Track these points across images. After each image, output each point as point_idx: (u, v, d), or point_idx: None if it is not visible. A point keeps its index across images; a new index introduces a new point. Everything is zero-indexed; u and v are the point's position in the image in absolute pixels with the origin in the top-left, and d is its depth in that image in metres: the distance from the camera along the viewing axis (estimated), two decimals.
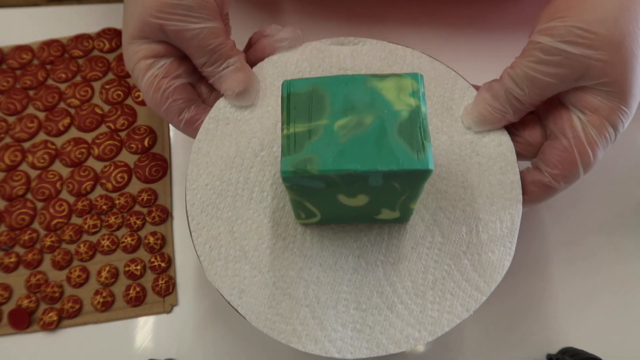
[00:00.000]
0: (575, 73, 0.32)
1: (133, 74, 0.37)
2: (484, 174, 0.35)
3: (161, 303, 0.43)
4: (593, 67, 0.31)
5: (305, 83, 0.29)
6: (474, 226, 0.34)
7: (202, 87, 0.39)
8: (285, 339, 0.33)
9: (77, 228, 0.45)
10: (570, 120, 0.33)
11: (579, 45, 0.31)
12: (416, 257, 0.34)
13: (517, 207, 0.34)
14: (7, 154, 0.47)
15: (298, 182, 0.28)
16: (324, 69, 0.37)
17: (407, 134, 0.27)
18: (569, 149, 0.33)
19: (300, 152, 0.27)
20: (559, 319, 0.42)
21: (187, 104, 0.37)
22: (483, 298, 0.33)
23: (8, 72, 0.50)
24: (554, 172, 0.33)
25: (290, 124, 0.28)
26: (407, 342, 0.32)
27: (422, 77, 0.29)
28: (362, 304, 0.33)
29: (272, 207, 0.35)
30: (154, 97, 0.36)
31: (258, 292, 0.33)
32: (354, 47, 0.38)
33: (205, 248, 0.34)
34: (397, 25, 0.50)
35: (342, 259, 0.34)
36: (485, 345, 0.42)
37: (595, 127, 0.32)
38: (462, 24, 0.51)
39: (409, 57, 0.38)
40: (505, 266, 0.33)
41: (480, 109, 0.35)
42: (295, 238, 0.35)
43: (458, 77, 0.37)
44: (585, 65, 0.31)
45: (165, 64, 0.36)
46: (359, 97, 0.28)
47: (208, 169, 0.36)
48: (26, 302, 0.43)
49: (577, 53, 0.31)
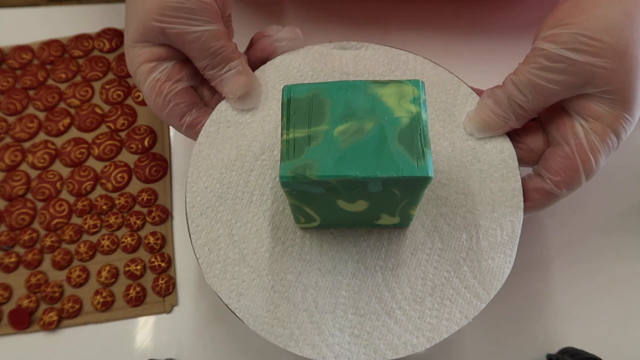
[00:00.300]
0: (579, 80, 0.31)
1: (135, 77, 0.37)
2: (485, 180, 0.35)
3: (161, 303, 0.43)
4: (597, 74, 0.31)
5: (305, 88, 0.29)
6: (474, 233, 0.34)
7: (204, 90, 0.39)
8: (283, 343, 0.33)
9: (77, 228, 0.45)
10: (573, 128, 0.33)
11: (583, 52, 0.31)
12: (415, 263, 0.34)
13: (518, 214, 0.34)
14: (7, 154, 0.47)
15: (297, 187, 0.28)
16: (326, 73, 0.37)
17: (407, 140, 0.27)
18: (571, 156, 0.33)
19: (300, 157, 0.27)
20: (559, 319, 0.42)
21: (188, 107, 0.37)
22: (482, 305, 0.33)
23: (8, 72, 0.50)
24: (556, 179, 0.33)
25: (290, 129, 0.28)
26: (405, 348, 0.32)
27: (424, 84, 0.29)
28: (360, 309, 0.33)
29: (272, 211, 0.35)
30: (156, 101, 0.36)
31: (256, 295, 0.33)
32: (356, 52, 0.38)
33: (204, 250, 0.34)
34: (399, 29, 0.50)
35: (341, 263, 0.34)
36: (485, 345, 0.42)
37: (598, 134, 0.32)
38: (465, 28, 0.50)
39: (412, 63, 0.38)
40: (505, 274, 0.33)
41: (483, 115, 0.35)
42: (295, 242, 0.35)
43: (461, 83, 0.37)
44: (589, 73, 0.31)
45: (167, 67, 0.36)
46: (360, 104, 0.28)
47: (208, 172, 0.36)
48: (26, 302, 0.43)
49: (582, 60, 0.31)
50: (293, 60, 0.38)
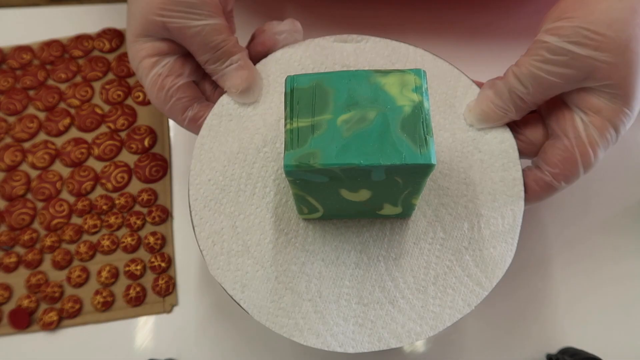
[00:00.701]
0: (580, 74, 0.32)
1: (137, 72, 0.37)
2: (486, 170, 0.35)
3: (161, 303, 0.43)
4: (598, 68, 0.31)
5: (308, 78, 0.29)
6: (476, 222, 0.34)
7: (206, 84, 0.39)
8: (287, 332, 0.33)
9: (77, 228, 0.45)
10: (573, 121, 0.33)
11: (585, 46, 0.31)
12: (418, 253, 0.34)
13: (519, 203, 0.34)
14: (7, 154, 0.47)
15: (301, 176, 0.28)
16: (327, 66, 0.38)
17: (410, 129, 0.27)
18: (570, 149, 0.33)
19: (304, 146, 0.27)
20: (559, 319, 0.42)
21: (190, 102, 0.37)
22: (485, 293, 0.33)
23: (8, 72, 0.50)
24: (555, 171, 0.34)
25: (294, 118, 0.28)
26: (409, 336, 0.32)
27: (425, 73, 0.29)
28: (364, 299, 0.33)
29: (275, 203, 0.35)
30: (158, 95, 0.37)
31: (260, 286, 0.34)
32: (357, 45, 0.38)
33: (208, 242, 0.34)
34: (399, 33, 0.50)
35: (344, 254, 0.34)
36: (485, 345, 0.42)
37: (597, 128, 0.33)
38: (464, 33, 0.51)
39: (412, 55, 0.38)
40: (507, 262, 0.34)
41: (483, 106, 0.35)
42: (298, 233, 0.35)
43: (461, 75, 0.37)
44: (590, 67, 0.31)
45: (169, 62, 0.36)
46: (362, 93, 0.29)
47: (211, 165, 0.36)
48: (26, 302, 0.43)
49: (583, 54, 0.31)
50: (294, 53, 0.38)
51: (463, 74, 0.37)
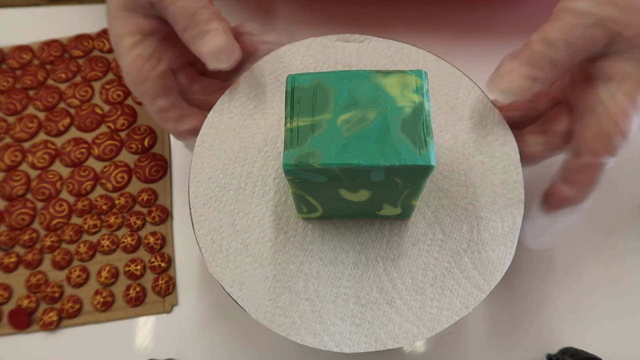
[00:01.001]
0: (607, 36, 0.32)
1: (116, 48, 0.37)
2: (487, 172, 0.35)
3: (161, 303, 0.43)
4: (625, 29, 0.31)
5: (309, 77, 0.29)
6: (475, 224, 0.34)
7: (182, 76, 0.39)
8: (284, 331, 0.33)
9: (77, 228, 0.45)
10: (599, 94, 0.33)
11: (611, 6, 0.31)
12: (416, 254, 0.34)
13: (519, 206, 0.34)
14: (7, 154, 0.47)
15: (300, 175, 0.28)
16: (329, 65, 0.38)
17: (410, 130, 0.28)
18: (603, 120, 0.33)
19: (303, 145, 0.27)
20: (559, 319, 0.42)
21: (164, 90, 0.37)
22: (482, 296, 0.33)
23: (8, 72, 0.50)
24: (592, 147, 0.33)
25: (294, 117, 0.28)
26: (406, 337, 0.32)
27: (427, 74, 0.29)
28: (361, 299, 0.33)
29: (274, 201, 0.35)
30: (136, 76, 0.36)
31: (258, 284, 0.34)
32: (359, 45, 0.38)
33: (207, 240, 0.34)
34: (400, 30, 0.50)
35: (342, 253, 0.34)
36: (484, 345, 0.42)
37: (626, 94, 0.32)
38: (466, 31, 0.51)
39: (414, 56, 0.38)
40: (505, 265, 0.34)
41: (509, 77, 0.33)
42: (297, 232, 0.35)
43: (463, 77, 0.37)
44: (616, 29, 0.31)
45: (149, 43, 0.36)
46: (363, 93, 0.29)
47: (212, 163, 0.36)
48: (26, 302, 0.43)
49: (609, 16, 0.31)
50: (296, 52, 0.38)
51: (465, 76, 0.37)
